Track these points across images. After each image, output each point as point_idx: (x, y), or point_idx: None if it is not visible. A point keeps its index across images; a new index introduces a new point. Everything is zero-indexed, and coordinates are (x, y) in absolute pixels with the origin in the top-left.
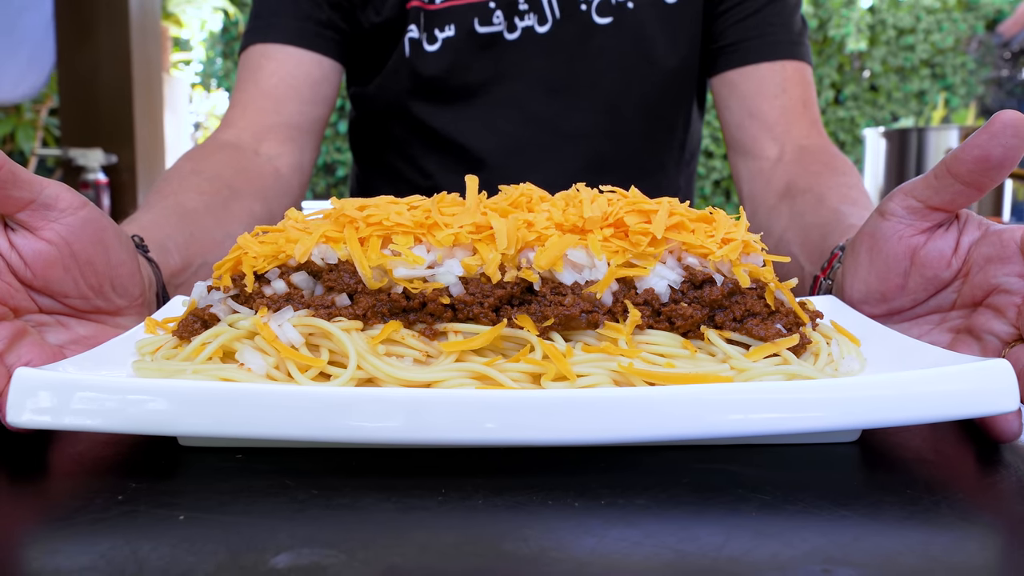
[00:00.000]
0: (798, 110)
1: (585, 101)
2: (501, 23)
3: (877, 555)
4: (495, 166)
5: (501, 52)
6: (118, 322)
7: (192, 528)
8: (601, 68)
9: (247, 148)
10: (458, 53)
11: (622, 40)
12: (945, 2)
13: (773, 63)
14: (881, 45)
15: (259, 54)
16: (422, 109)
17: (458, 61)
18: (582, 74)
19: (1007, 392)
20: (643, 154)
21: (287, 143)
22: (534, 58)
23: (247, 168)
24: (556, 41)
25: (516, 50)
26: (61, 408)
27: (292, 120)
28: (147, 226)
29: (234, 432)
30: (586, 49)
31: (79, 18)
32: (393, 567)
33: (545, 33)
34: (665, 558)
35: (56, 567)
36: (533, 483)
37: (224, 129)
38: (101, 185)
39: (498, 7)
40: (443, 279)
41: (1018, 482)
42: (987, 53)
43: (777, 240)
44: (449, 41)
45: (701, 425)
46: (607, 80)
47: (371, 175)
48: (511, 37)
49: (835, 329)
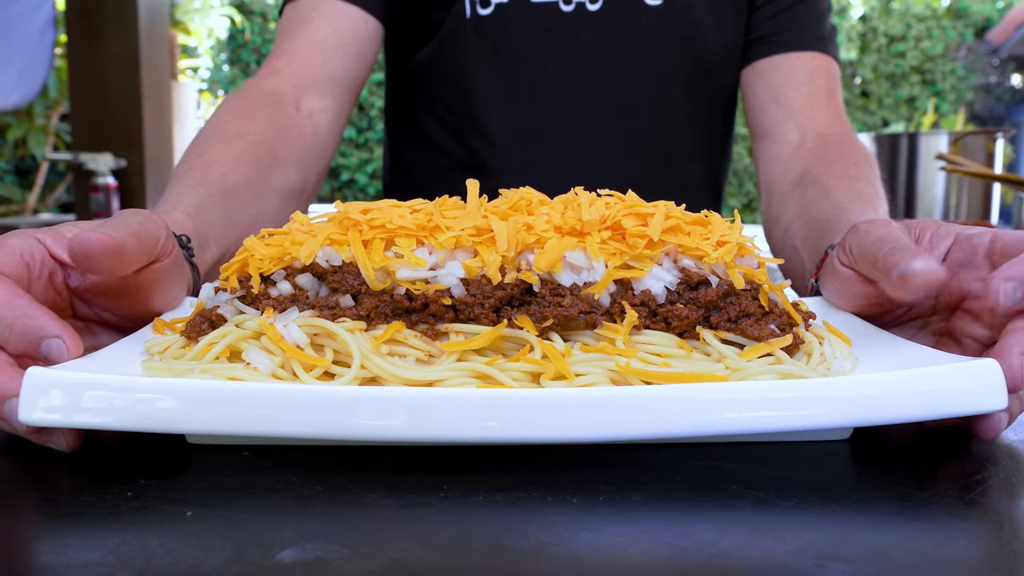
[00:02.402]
0: (823, 99)
1: (632, 79)
2: None
3: (868, 550)
4: (541, 138)
5: (554, 24)
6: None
7: (199, 524)
8: (648, 48)
9: (289, 101)
10: (510, 20)
11: (670, 22)
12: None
13: (803, 53)
14: (872, 52)
15: (309, 7)
16: (476, 79)
17: (510, 29)
18: (629, 52)
19: (995, 391)
20: (687, 136)
21: (328, 97)
22: (583, 33)
23: (288, 128)
24: (605, 20)
25: (568, 23)
26: (72, 406)
27: (336, 75)
28: (192, 213)
29: (241, 430)
30: (635, 28)
31: (89, 26)
32: (396, 562)
33: (596, 11)
34: (661, 553)
35: (67, 561)
36: (532, 480)
37: (268, 76)
38: (111, 188)
39: None
40: (445, 281)
41: (1005, 479)
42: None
43: (784, 230)
44: (502, 7)
45: (697, 423)
46: (653, 60)
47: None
48: (566, 9)
49: (827, 329)
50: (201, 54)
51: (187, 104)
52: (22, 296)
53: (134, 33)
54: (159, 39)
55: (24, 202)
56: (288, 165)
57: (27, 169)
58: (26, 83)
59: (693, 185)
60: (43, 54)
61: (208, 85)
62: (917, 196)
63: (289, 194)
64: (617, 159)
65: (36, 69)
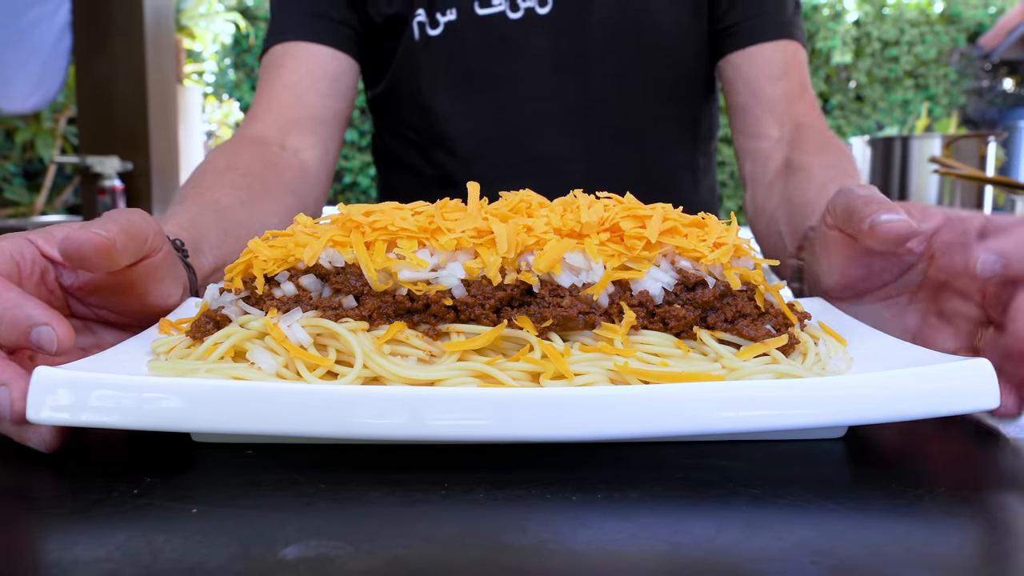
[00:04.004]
0: (797, 91)
1: (592, 77)
2: (502, 3)
3: (863, 547)
4: (505, 147)
5: (505, 33)
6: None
7: (205, 521)
8: (604, 43)
9: (273, 142)
10: (459, 37)
11: (622, 15)
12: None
13: (775, 43)
14: (866, 57)
15: (279, 53)
16: (432, 96)
17: (460, 45)
18: (585, 52)
19: (988, 390)
20: (660, 126)
21: (311, 135)
22: (537, 39)
23: (275, 163)
24: (557, 22)
25: (519, 31)
26: (79, 405)
27: (315, 112)
28: (185, 225)
29: (245, 429)
30: (588, 26)
31: (96, 31)
32: (398, 558)
33: (546, 14)
34: (659, 550)
35: (74, 558)
36: (532, 478)
37: (250, 124)
38: (117, 191)
39: None
40: (446, 281)
41: (997, 477)
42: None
43: (769, 218)
44: (451, 25)
45: (694, 422)
46: (611, 56)
47: (392, 179)
48: (514, 16)
49: (822, 330)
50: (206, 59)
51: (192, 108)
52: (12, 289)
53: (140, 38)
54: (165, 44)
55: (32, 205)
56: (281, 192)
57: (35, 172)
58: (43, 88)
59: (674, 174)
60: (59, 59)
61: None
62: (910, 198)
63: (287, 214)
64: (588, 157)
65: (53, 74)
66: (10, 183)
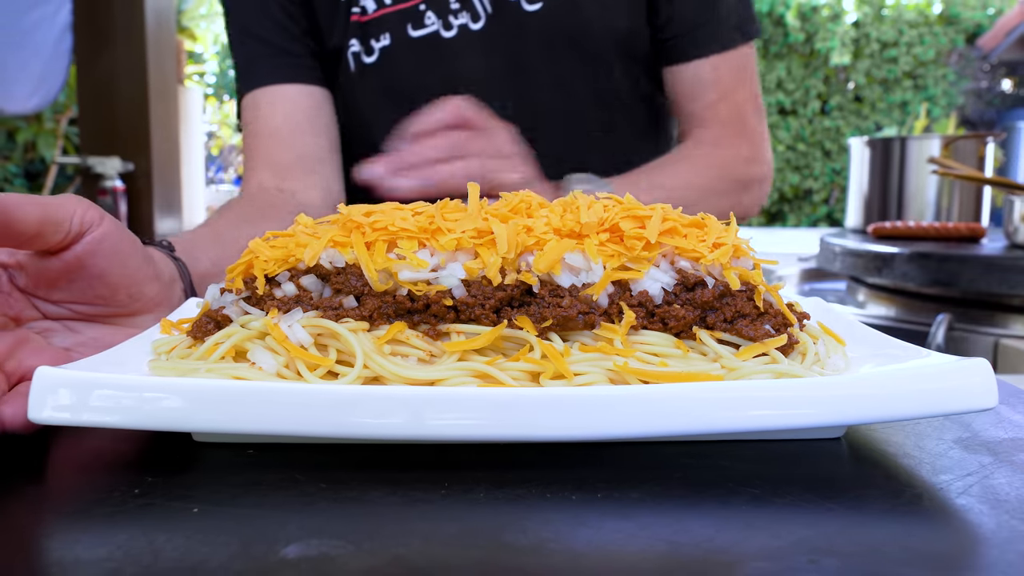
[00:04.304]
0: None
1: (533, 90)
2: (435, 23)
3: (861, 546)
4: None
5: (441, 53)
6: (132, 322)
7: (206, 520)
8: (541, 56)
9: (271, 188)
10: (395, 61)
11: (555, 24)
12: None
13: (702, 61)
14: (865, 58)
15: (251, 103)
16: (374, 125)
17: (396, 69)
18: (524, 65)
19: (986, 390)
20: (608, 136)
21: (309, 175)
22: (473, 56)
23: (275, 203)
24: (492, 37)
25: (455, 49)
26: (80, 405)
27: (305, 152)
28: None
29: (246, 428)
30: (522, 40)
31: (97, 32)
32: (398, 557)
33: (480, 30)
34: (659, 549)
35: (75, 557)
36: (532, 477)
37: (245, 183)
38: (119, 192)
39: (428, 8)
40: (446, 282)
41: (997, 476)
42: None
43: None
44: (385, 50)
45: (693, 422)
46: (549, 66)
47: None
48: (448, 35)
49: (821, 330)
50: (207, 59)
51: (193, 108)
52: None
53: (141, 39)
54: (166, 45)
55: None
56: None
57: (36, 172)
58: (44, 89)
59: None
60: (60, 60)
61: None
62: (909, 199)
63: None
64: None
65: (54, 75)
66: (11, 183)
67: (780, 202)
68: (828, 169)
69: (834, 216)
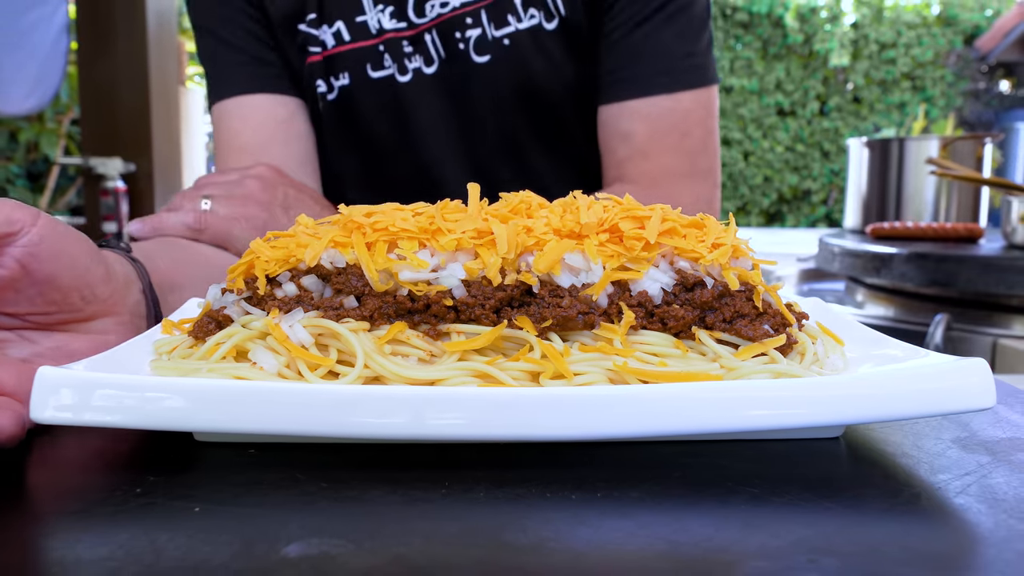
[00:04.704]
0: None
1: (482, 141)
2: (392, 66)
3: (859, 545)
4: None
5: (396, 95)
6: (90, 327)
7: (207, 519)
8: (489, 107)
9: None
10: (353, 99)
11: (503, 77)
12: (925, 18)
13: (623, 104)
14: (864, 59)
15: (221, 114)
16: (336, 161)
17: (354, 108)
18: (472, 114)
19: (984, 390)
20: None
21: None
22: (428, 100)
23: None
24: (444, 82)
25: (410, 92)
26: (82, 405)
27: (281, 163)
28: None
29: (247, 428)
30: (471, 88)
31: (99, 33)
32: (399, 556)
33: (433, 74)
34: (658, 548)
35: (77, 556)
36: (532, 476)
37: None
38: (120, 192)
39: (386, 50)
40: (446, 282)
41: (995, 476)
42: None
43: None
44: (345, 89)
45: (692, 421)
46: (497, 118)
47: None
48: (403, 79)
49: (820, 330)
50: None
51: (194, 109)
52: None
53: (143, 40)
54: (167, 46)
55: (35, 205)
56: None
57: (38, 173)
58: (41, 89)
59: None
60: (57, 60)
61: None
62: (907, 199)
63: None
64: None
65: (51, 75)
66: (14, 184)
67: (779, 203)
68: (827, 170)
69: (833, 217)
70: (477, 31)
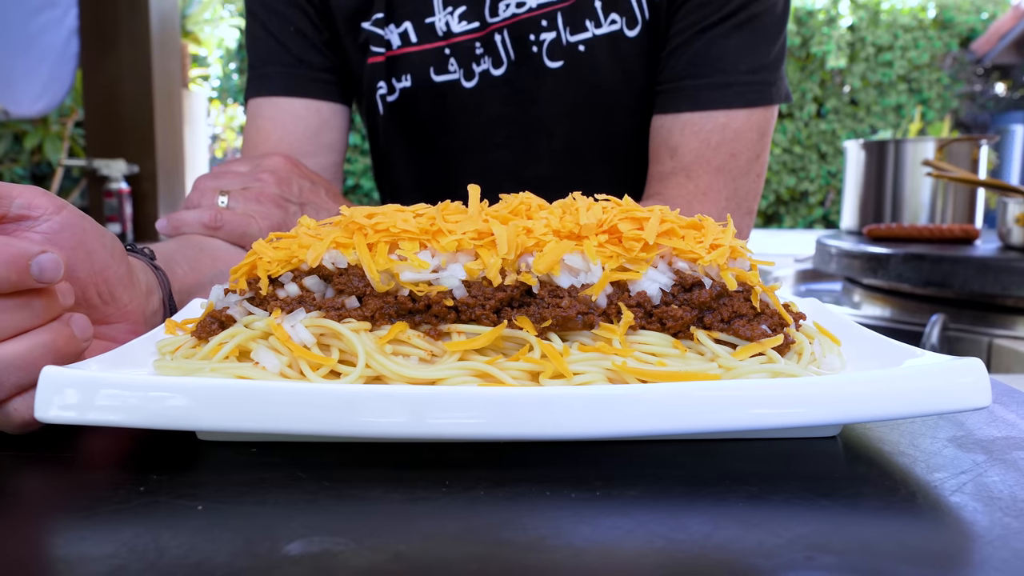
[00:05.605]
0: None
1: (543, 148)
2: (457, 71)
3: (857, 543)
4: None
5: (458, 100)
6: (105, 332)
7: (210, 518)
8: (556, 114)
9: None
10: (414, 103)
11: (574, 84)
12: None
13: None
14: (861, 61)
15: (255, 111)
16: (395, 163)
17: (415, 111)
18: (538, 119)
19: (980, 389)
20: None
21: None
22: (491, 104)
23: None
24: (511, 85)
25: (474, 97)
26: (86, 404)
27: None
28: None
29: (250, 427)
30: (539, 94)
31: (102, 36)
32: (400, 554)
33: (501, 76)
34: (656, 545)
35: (81, 554)
36: (532, 475)
37: None
38: (124, 194)
39: (452, 54)
40: (447, 282)
41: (991, 474)
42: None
43: None
44: (407, 91)
45: (691, 420)
46: (563, 126)
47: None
48: (469, 85)
49: (817, 330)
50: (211, 63)
51: (198, 112)
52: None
53: (146, 43)
54: (170, 49)
55: None
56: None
57: (43, 175)
58: (51, 92)
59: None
60: (67, 63)
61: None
62: (904, 201)
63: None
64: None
65: (60, 78)
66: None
67: (776, 204)
68: (824, 171)
69: (830, 218)
70: (551, 35)
